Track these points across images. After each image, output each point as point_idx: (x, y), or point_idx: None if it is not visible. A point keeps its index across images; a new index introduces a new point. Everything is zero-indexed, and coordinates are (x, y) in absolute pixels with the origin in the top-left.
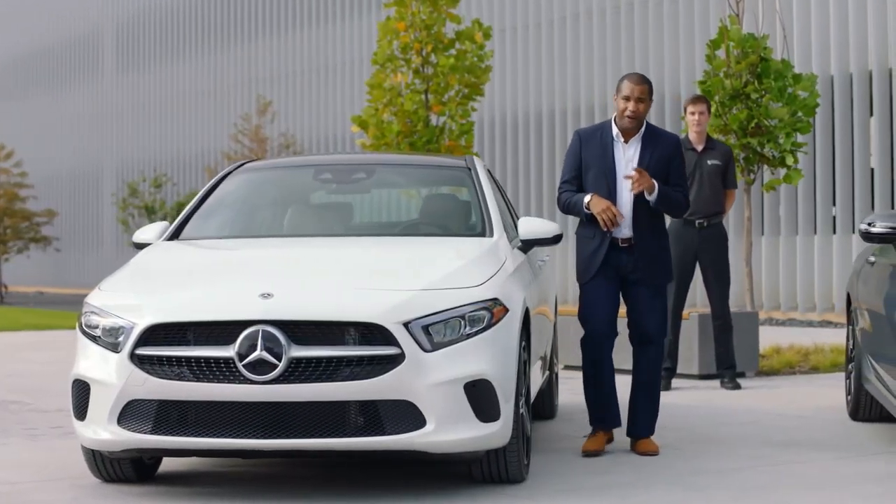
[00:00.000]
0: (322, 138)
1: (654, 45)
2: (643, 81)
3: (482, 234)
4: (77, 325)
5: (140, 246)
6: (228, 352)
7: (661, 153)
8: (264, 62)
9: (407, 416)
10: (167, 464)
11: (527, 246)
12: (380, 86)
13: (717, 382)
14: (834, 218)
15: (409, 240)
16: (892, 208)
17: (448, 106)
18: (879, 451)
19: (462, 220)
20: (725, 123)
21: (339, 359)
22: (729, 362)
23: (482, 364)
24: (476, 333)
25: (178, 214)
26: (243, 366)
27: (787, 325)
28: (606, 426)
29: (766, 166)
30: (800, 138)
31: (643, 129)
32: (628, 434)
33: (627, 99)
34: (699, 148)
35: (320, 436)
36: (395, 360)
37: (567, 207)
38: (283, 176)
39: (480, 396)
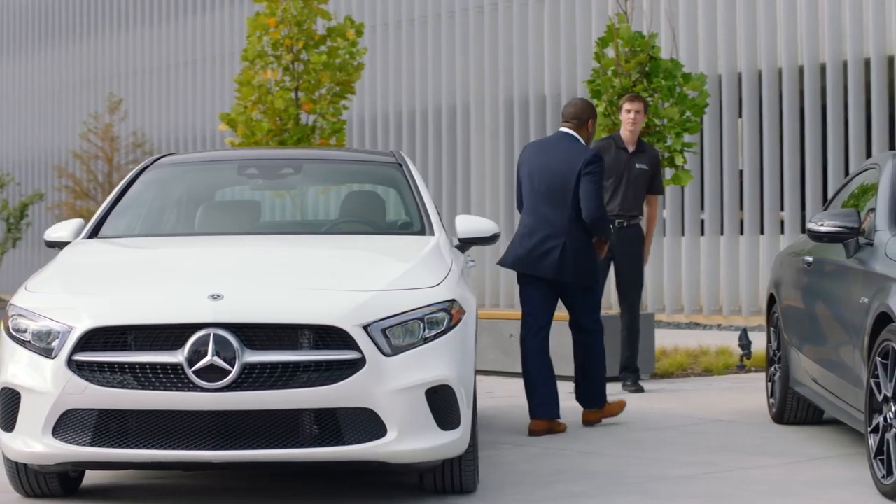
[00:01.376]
0: (188, 136)
1: (534, 44)
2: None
3: (421, 233)
4: (2, 328)
5: (52, 245)
6: (176, 357)
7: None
8: (117, 58)
9: (367, 424)
10: (92, 477)
11: (464, 245)
12: (249, 83)
13: (619, 385)
14: (722, 219)
15: (351, 238)
16: (782, 210)
17: (319, 104)
18: (828, 455)
19: (399, 217)
20: (615, 123)
21: (296, 364)
22: (634, 366)
23: (443, 369)
24: (436, 337)
25: (21, 216)
26: (193, 372)
27: (667, 328)
28: (540, 414)
29: None
30: (688, 138)
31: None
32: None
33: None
34: (630, 148)
35: (276, 446)
36: (355, 366)
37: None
38: (205, 171)
39: (442, 403)
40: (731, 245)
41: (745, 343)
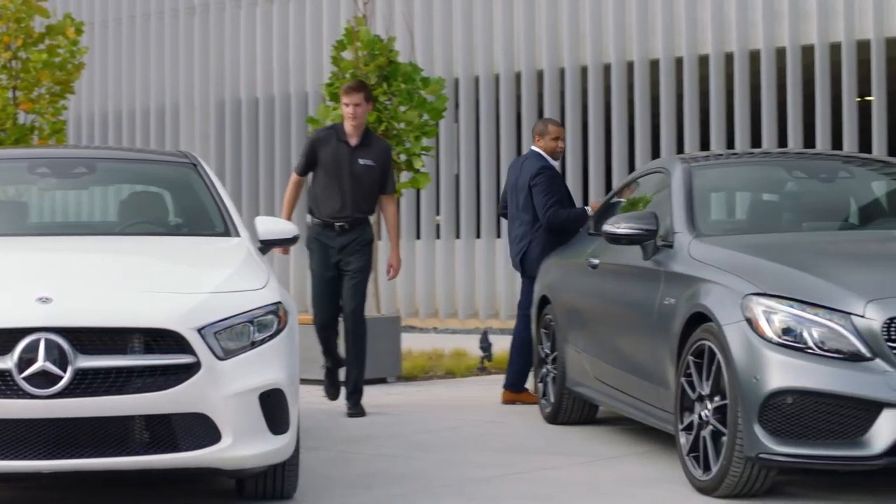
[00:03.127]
0: None
1: (279, 45)
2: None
3: (226, 234)
4: None
5: None
6: (5, 363)
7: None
8: None
9: (202, 430)
10: None
11: (266, 247)
12: None
13: (381, 388)
14: (458, 223)
15: (164, 240)
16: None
17: (38, 103)
18: (622, 454)
19: (200, 218)
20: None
21: (130, 369)
22: (360, 385)
23: (275, 372)
24: (267, 340)
25: None
26: (23, 378)
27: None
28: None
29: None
30: (427, 142)
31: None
32: None
33: (556, 139)
34: (353, 142)
35: (110, 454)
36: (190, 370)
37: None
38: None
39: (274, 407)
40: (467, 248)
41: (485, 345)
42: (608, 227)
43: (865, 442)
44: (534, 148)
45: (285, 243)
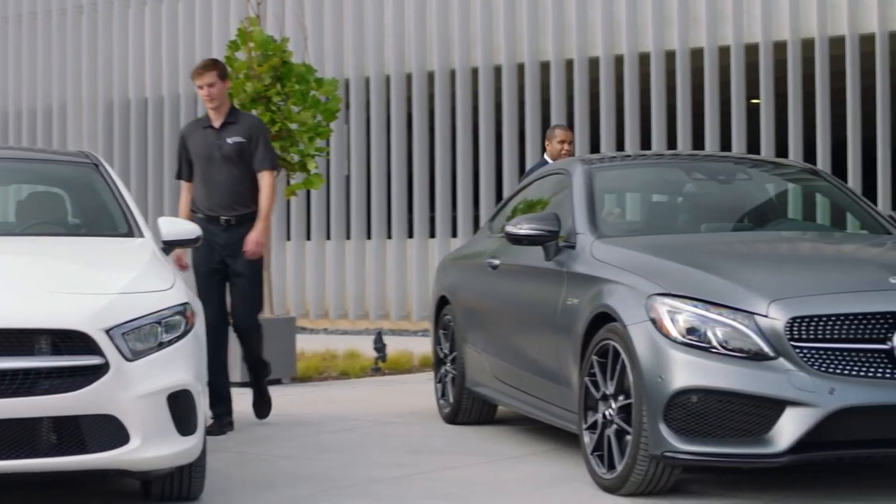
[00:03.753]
0: None
1: (168, 44)
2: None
3: (129, 235)
4: None
5: None
6: None
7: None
8: None
9: (110, 432)
10: None
11: (168, 247)
12: None
13: (276, 390)
14: (348, 224)
15: (67, 240)
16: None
17: None
18: (523, 454)
19: (102, 218)
20: None
21: (38, 371)
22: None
23: (183, 374)
24: (175, 340)
25: None
26: None
27: (306, 333)
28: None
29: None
30: (320, 143)
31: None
32: None
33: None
34: (217, 124)
35: (17, 457)
36: (98, 371)
37: None
38: None
39: (181, 408)
40: (358, 249)
41: (379, 346)
42: (510, 228)
43: (769, 440)
44: (544, 154)
45: (188, 244)
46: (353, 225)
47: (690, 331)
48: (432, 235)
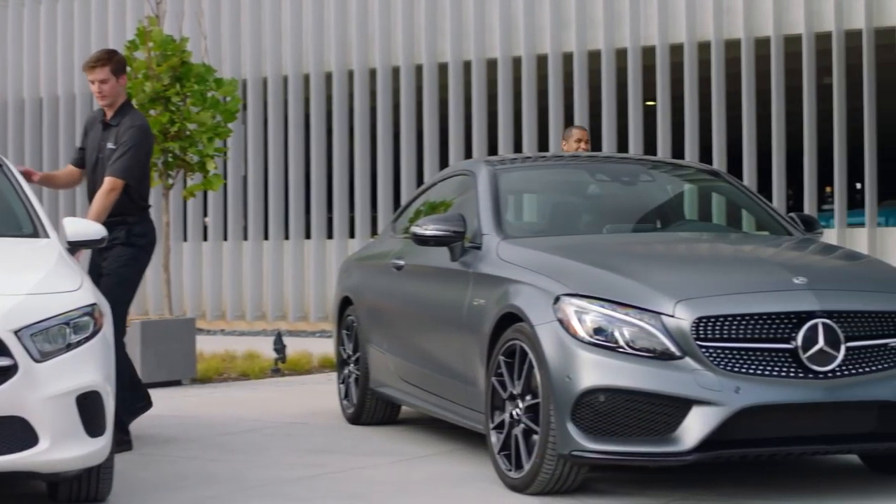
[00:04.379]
0: None
1: (63, 43)
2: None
3: (34, 235)
4: None
5: None
6: None
7: None
8: None
9: (18, 433)
10: None
11: (73, 248)
12: None
13: (177, 391)
14: (246, 225)
15: None
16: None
17: None
18: (429, 454)
19: (7, 219)
20: None
21: None
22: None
23: (92, 375)
24: (83, 342)
25: None
26: None
27: (205, 334)
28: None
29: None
30: (220, 143)
31: None
32: None
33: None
34: (107, 121)
35: None
36: (7, 373)
37: None
38: None
39: (90, 410)
40: (255, 250)
41: (279, 347)
42: (416, 229)
43: (675, 438)
44: None
45: (93, 244)
46: (251, 226)
47: (598, 331)
48: (330, 236)
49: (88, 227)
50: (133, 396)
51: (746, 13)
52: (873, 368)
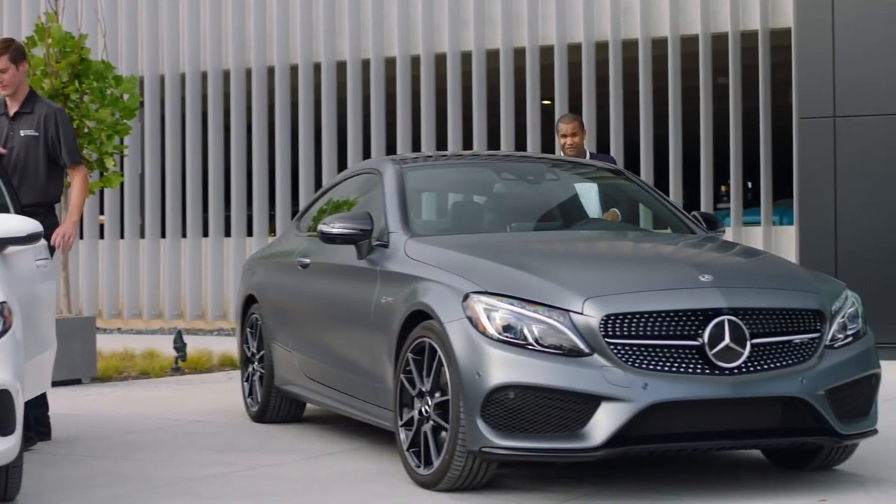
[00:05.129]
0: None
1: None
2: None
3: None
4: None
5: None
6: None
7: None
8: None
9: None
10: None
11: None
12: None
13: (77, 390)
14: (143, 222)
15: None
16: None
17: None
18: (336, 451)
19: None
20: None
21: None
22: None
23: (2, 373)
24: None
25: None
26: None
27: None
28: None
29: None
30: (119, 141)
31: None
32: None
33: (564, 136)
34: (11, 112)
35: None
36: None
37: None
38: None
39: (0, 408)
40: (152, 248)
41: (179, 345)
42: (323, 227)
43: (585, 434)
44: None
45: (22, 241)
46: (148, 224)
47: (507, 328)
48: (227, 234)
49: (16, 225)
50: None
51: (644, 14)
52: (778, 365)
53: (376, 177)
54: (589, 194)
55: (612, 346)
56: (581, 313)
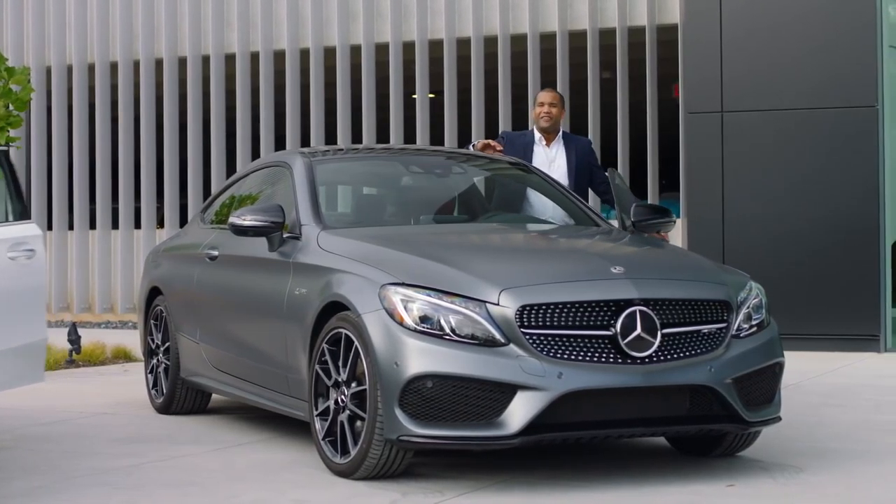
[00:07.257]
0: None
1: None
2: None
3: None
4: None
5: None
6: None
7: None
8: None
9: None
10: None
11: None
12: None
13: None
14: (49, 215)
15: None
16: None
17: None
18: (248, 441)
19: None
20: None
21: None
22: None
23: None
24: None
25: None
26: None
27: None
28: None
29: None
30: (14, 133)
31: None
32: None
33: (542, 104)
34: None
35: None
36: None
37: None
38: None
39: None
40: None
41: (74, 338)
42: (234, 220)
43: (501, 423)
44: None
45: None
46: (34, 216)
47: (424, 319)
48: (115, 227)
49: None
50: None
51: (532, 9)
52: (687, 354)
53: (285, 170)
54: (539, 196)
55: (527, 336)
56: (497, 304)
